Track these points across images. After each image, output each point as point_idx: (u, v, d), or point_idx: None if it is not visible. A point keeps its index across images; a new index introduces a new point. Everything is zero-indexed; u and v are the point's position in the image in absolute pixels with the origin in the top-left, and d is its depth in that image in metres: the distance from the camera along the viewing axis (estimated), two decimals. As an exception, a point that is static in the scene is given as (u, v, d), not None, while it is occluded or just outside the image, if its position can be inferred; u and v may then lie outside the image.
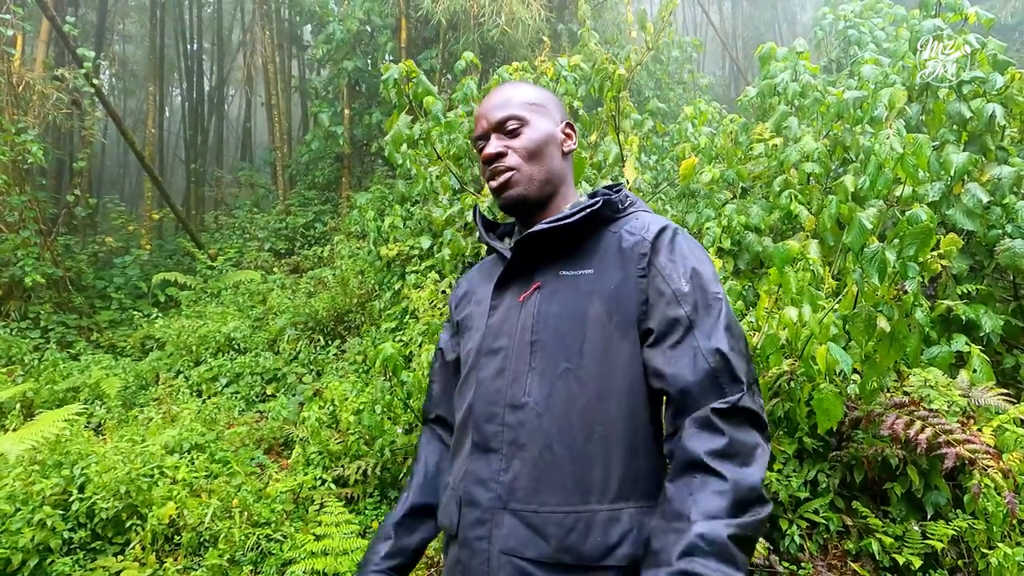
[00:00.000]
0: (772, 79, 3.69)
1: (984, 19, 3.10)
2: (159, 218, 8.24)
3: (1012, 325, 2.93)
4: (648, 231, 0.94)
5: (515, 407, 0.90)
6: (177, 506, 2.80)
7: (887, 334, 1.88)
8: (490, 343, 0.97)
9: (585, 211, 0.94)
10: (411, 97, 3.07)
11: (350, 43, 7.80)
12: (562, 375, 0.88)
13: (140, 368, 5.10)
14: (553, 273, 0.96)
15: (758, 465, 0.78)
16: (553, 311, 0.92)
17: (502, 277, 1.00)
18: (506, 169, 0.99)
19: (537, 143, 1.00)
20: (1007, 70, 2.84)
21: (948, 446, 1.87)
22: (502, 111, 1.00)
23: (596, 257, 0.95)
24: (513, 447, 0.89)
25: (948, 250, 2.55)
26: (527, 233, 0.95)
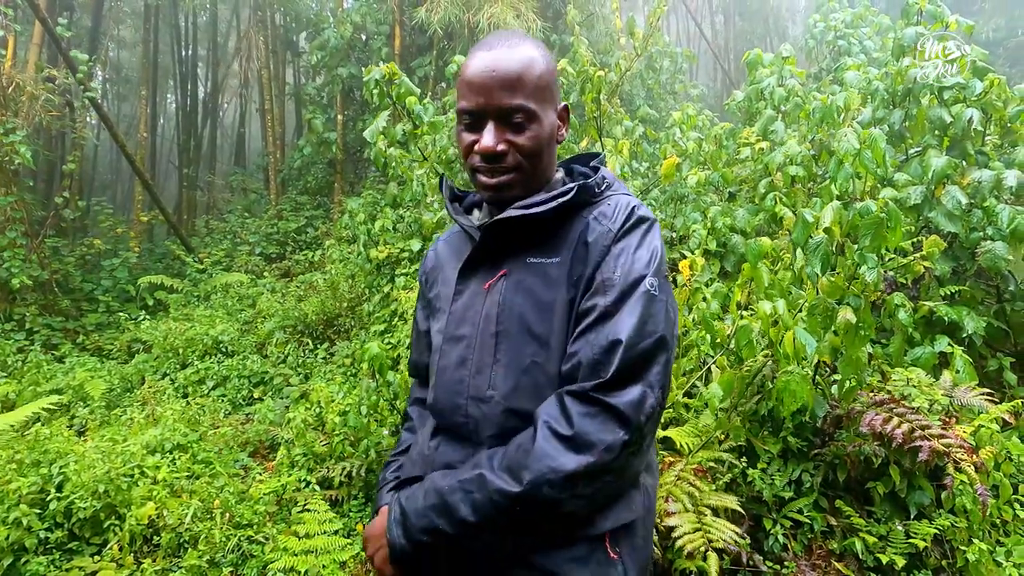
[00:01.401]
0: (759, 84, 3.73)
1: (964, 26, 3.16)
2: (148, 220, 8.19)
3: (995, 327, 2.95)
4: (615, 222, 0.89)
5: (479, 400, 0.89)
6: (157, 506, 2.76)
7: (852, 325, 1.88)
8: (453, 330, 0.95)
9: (559, 200, 0.89)
10: (394, 99, 3.09)
11: (344, 50, 7.84)
12: (528, 368, 0.87)
13: (125, 371, 5.05)
14: (521, 260, 0.92)
15: (583, 458, 0.77)
16: (519, 301, 0.89)
17: (468, 262, 0.96)
18: (506, 170, 0.90)
19: (540, 143, 0.91)
20: (986, 76, 2.89)
21: (923, 440, 1.88)
22: (511, 97, 0.87)
23: (565, 245, 0.90)
24: (480, 435, 0.89)
25: (930, 252, 2.57)
26: (496, 220, 0.91)
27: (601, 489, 0.79)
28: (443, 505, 0.82)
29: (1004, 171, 2.77)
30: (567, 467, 0.76)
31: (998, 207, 2.68)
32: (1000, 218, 2.66)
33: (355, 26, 7.71)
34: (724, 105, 4.73)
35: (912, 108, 3.11)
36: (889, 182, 3.02)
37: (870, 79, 3.25)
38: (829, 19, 6.42)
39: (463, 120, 0.92)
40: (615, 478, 0.80)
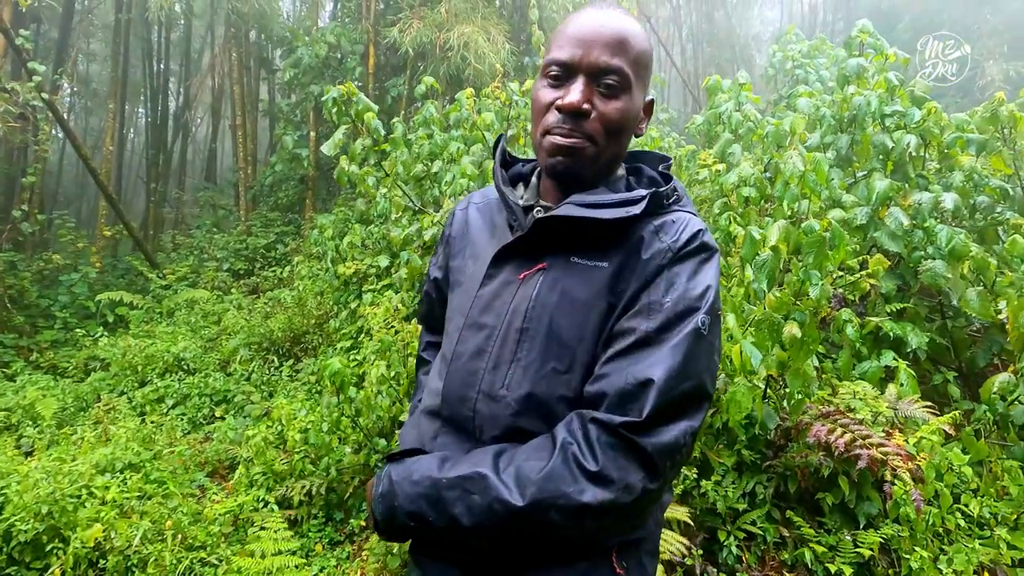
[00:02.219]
0: (717, 109, 3.88)
1: (902, 59, 3.35)
2: (112, 235, 8.01)
3: (938, 343, 3.08)
4: (679, 240, 0.81)
5: (490, 397, 0.83)
6: (104, 528, 2.67)
7: (798, 339, 1.96)
8: (476, 316, 0.88)
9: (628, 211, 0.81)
10: (353, 117, 3.13)
11: (318, 68, 7.88)
12: (547, 376, 0.81)
13: (80, 389, 4.88)
14: (564, 257, 0.84)
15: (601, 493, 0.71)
16: (553, 300, 0.82)
17: (509, 248, 0.88)
18: (584, 135, 0.82)
19: (626, 120, 0.83)
20: (924, 105, 3.06)
21: (863, 449, 1.95)
22: (611, 56, 0.80)
23: (616, 252, 0.82)
24: (483, 432, 0.84)
25: (875, 270, 2.68)
26: (553, 215, 0.83)
27: (607, 526, 0.74)
28: (437, 497, 0.77)
29: (942, 194, 2.92)
30: (581, 499, 0.71)
31: (937, 227, 2.82)
32: (939, 238, 2.79)
33: (329, 45, 7.76)
34: (684, 128, 4.89)
35: (857, 134, 3.27)
36: (838, 203, 3.15)
37: (819, 106, 3.41)
38: (787, 50, 6.71)
39: (549, 72, 0.84)
40: (625, 520, 0.75)
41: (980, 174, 3.24)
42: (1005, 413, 2.39)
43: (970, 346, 3.23)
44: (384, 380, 3.19)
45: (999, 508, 2.46)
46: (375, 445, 3.17)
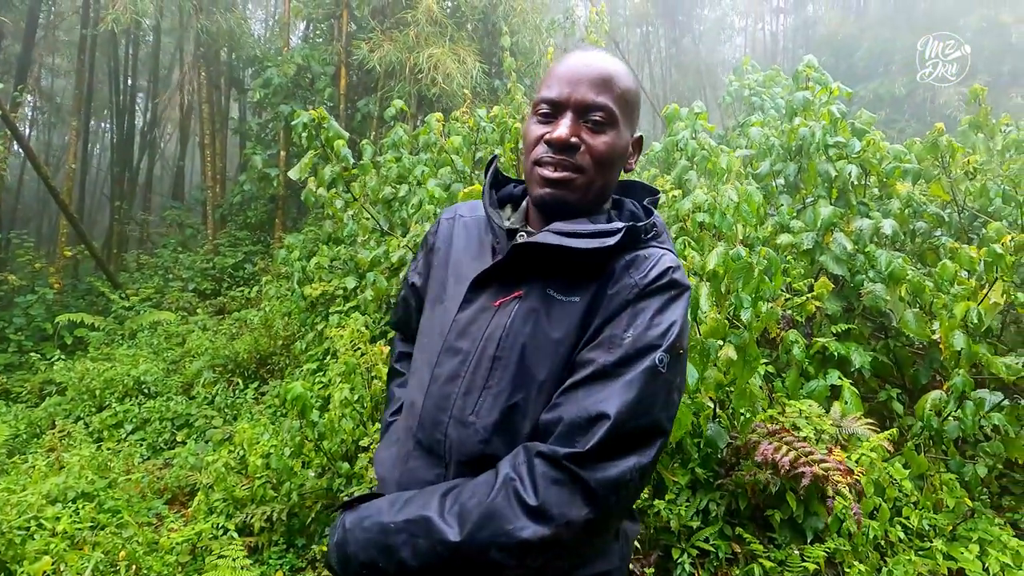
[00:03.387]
0: (675, 136, 4.03)
1: (845, 92, 3.55)
2: (72, 255, 7.81)
3: (882, 362, 3.23)
4: (645, 277, 0.83)
5: (460, 423, 0.85)
6: (54, 560, 2.59)
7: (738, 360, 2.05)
8: (453, 340, 0.89)
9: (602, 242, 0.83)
10: (323, 142, 3.17)
11: (288, 88, 7.90)
12: (515, 406, 0.82)
13: (34, 415, 4.73)
14: (539, 288, 0.86)
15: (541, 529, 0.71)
16: (526, 331, 0.84)
17: (485, 274, 0.90)
18: (572, 167, 0.85)
19: (613, 154, 0.87)
20: (864, 137, 3.25)
21: (806, 466, 2.04)
22: (597, 93, 0.85)
23: (589, 286, 0.84)
24: (451, 456, 0.86)
25: (820, 292, 2.82)
26: (530, 242, 0.85)
27: (551, 561, 0.74)
28: (385, 544, 0.77)
29: (881, 220, 3.09)
30: (521, 535, 0.71)
31: (877, 252, 2.98)
32: (879, 262, 2.95)
33: (299, 66, 7.80)
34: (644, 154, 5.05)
35: (804, 162, 3.44)
36: (787, 228, 3.30)
37: (768, 136, 3.59)
38: (744, 79, 7.00)
39: (540, 110, 0.88)
40: (571, 555, 0.76)
41: (918, 201, 3.43)
42: (939, 428, 2.52)
43: (913, 364, 3.39)
44: (348, 403, 3.19)
45: (937, 520, 2.58)
46: (338, 469, 3.16)
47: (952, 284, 2.66)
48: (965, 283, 2.66)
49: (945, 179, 3.64)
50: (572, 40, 9.76)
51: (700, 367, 2.10)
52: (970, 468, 2.60)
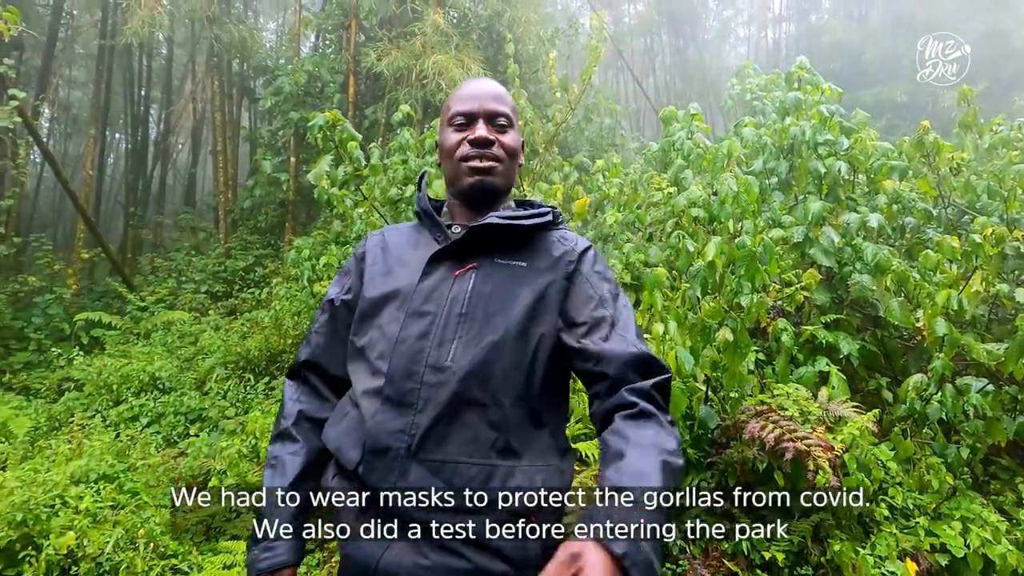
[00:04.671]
0: (672, 137, 4.17)
1: (836, 92, 3.68)
2: (89, 257, 8.03)
3: (871, 352, 3.33)
4: (577, 246, 1.10)
5: (437, 369, 0.98)
6: (77, 536, 2.73)
7: (731, 343, 2.17)
8: (418, 306, 1.03)
9: (543, 218, 1.10)
10: (337, 143, 3.33)
11: (299, 96, 8.12)
12: (485, 347, 0.98)
13: (54, 409, 4.90)
14: (489, 259, 1.06)
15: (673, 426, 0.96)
16: (487, 291, 1.03)
17: (442, 251, 1.08)
18: (493, 158, 1.09)
19: (517, 147, 1.13)
20: (852, 135, 3.37)
21: (790, 442, 2.15)
22: (498, 104, 1.11)
23: (531, 254, 1.08)
24: (427, 403, 0.96)
25: (808, 283, 2.93)
26: (484, 224, 1.05)
27: None
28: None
29: (868, 215, 3.21)
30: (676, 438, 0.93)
31: (863, 245, 3.09)
32: (865, 254, 3.07)
33: (309, 74, 8.02)
34: (642, 155, 5.19)
35: (796, 160, 3.57)
36: (778, 223, 3.42)
37: (761, 135, 3.72)
38: (745, 84, 7.12)
39: (455, 123, 1.11)
40: None
41: (907, 197, 3.54)
42: (922, 411, 2.62)
43: (903, 355, 3.49)
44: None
45: (922, 500, 2.68)
46: (346, 454, 3.29)
47: (935, 273, 2.77)
48: (947, 272, 2.77)
49: (932, 175, 3.75)
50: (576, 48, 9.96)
51: (699, 346, 2.22)
52: (953, 450, 2.70)
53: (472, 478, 0.94)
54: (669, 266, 3.33)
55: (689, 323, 2.49)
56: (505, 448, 0.96)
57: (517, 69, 5.61)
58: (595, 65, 5.38)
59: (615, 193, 4.10)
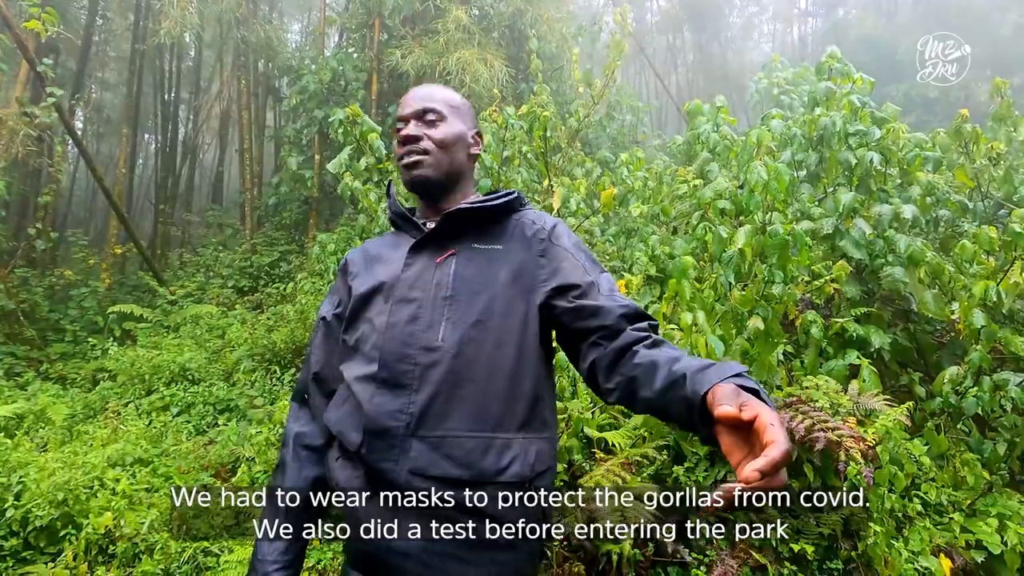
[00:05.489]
0: (697, 130, 4.14)
1: (868, 82, 3.61)
2: (121, 252, 8.26)
3: (903, 346, 3.26)
4: (546, 224, 1.16)
5: (429, 349, 1.02)
6: (115, 516, 2.82)
7: (762, 331, 2.15)
8: (404, 293, 1.08)
9: (505, 199, 1.15)
10: (358, 136, 3.38)
11: (323, 94, 8.23)
12: (474, 325, 1.04)
13: (89, 398, 5.05)
14: (467, 245, 1.12)
15: None
16: (468, 274, 1.08)
17: (420, 242, 1.13)
18: (420, 151, 1.15)
19: (450, 138, 1.17)
20: (884, 125, 3.30)
21: (821, 432, 2.12)
22: (425, 102, 1.18)
23: (504, 237, 1.13)
24: (423, 382, 1.01)
25: (838, 275, 2.89)
26: (457, 209, 1.12)
27: None
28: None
29: (902, 206, 3.14)
30: None
31: (896, 236, 3.03)
32: (898, 246, 3.00)
33: (333, 72, 8.13)
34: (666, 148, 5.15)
35: (825, 152, 3.51)
36: (807, 215, 3.38)
37: (790, 126, 3.66)
38: (772, 77, 7.02)
39: (397, 128, 1.19)
40: None
41: (941, 189, 3.46)
42: (958, 404, 2.56)
43: (936, 350, 3.41)
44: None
45: (957, 496, 2.62)
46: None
47: (972, 264, 2.70)
48: (985, 263, 2.70)
49: (969, 166, 3.66)
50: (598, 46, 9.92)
51: (731, 334, 2.21)
52: (989, 446, 2.63)
53: (471, 451, 0.98)
54: (695, 258, 3.31)
55: (719, 311, 2.47)
56: (500, 421, 1.01)
57: (540, 64, 5.61)
58: (618, 59, 5.34)
59: (639, 186, 4.08)
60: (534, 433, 1.04)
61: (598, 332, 1.04)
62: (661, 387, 0.90)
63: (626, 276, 3.07)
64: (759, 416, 0.71)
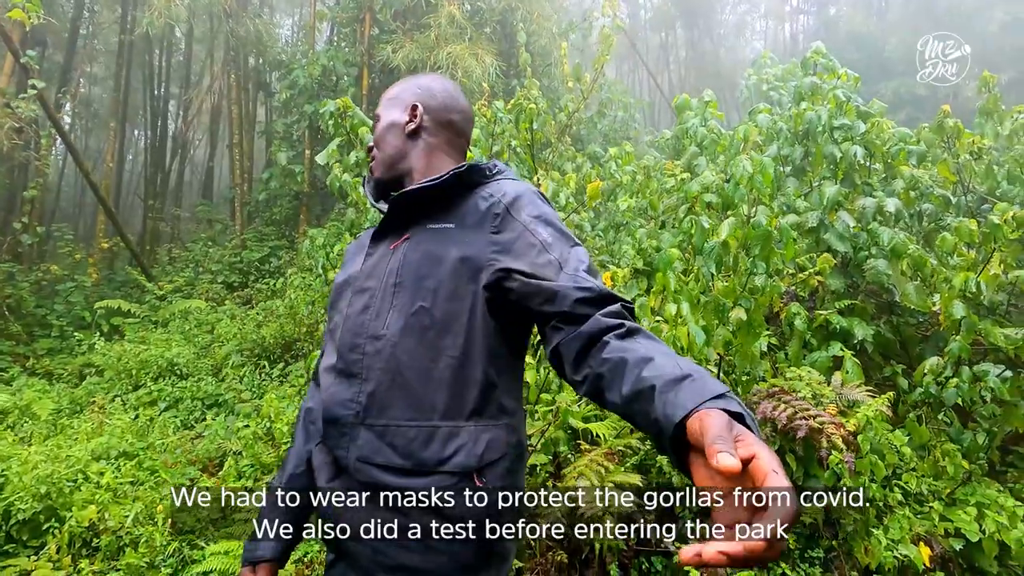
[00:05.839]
0: (685, 124, 4.15)
1: (853, 77, 3.64)
2: (109, 247, 8.19)
3: (886, 338, 3.30)
4: (505, 195, 1.06)
5: (374, 338, 1.02)
6: (99, 509, 2.81)
7: (744, 322, 2.16)
8: (361, 283, 1.09)
9: (451, 174, 1.07)
10: (348, 129, 3.36)
11: (313, 89, 8.19)
12: (416, 312, 1.00)
13: (76, 393, 5.01)
14: (422, 227, 1.08)
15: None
16: (416, 257, 1.04)
17: (378, 230, 1.14)
18: (371, 159, 1.21)
19: (379, 134, 1.19)
20: (868, 119, 3.33)
21: (802, 420, 2.14)
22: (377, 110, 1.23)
23: (459, 214, 1.06)
24: (370, 371, 1.01)
25: (822, 267, 2.91)
26: (401, 192, 1.11)
27: None
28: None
29: (885, 199, 3.17)
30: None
31: (879, 229, 3.06)
32: (881, 239, 3.03)
33: (324, 68, 8.09)
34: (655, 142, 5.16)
35: (811, 146, 3.53)
36: (792, 209, 3.40)
37: (776, 121, 3.68)
38: (762, 74, 7.04)
39: None
40: None
41: (924, 183, 3.50)
42: (938, 395, 2.59)
43: (919, 343, 3.45)
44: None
45: (937, 486, 2.65)
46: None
47: (952, 256, 2.73)
48: (965, 255, 2.73)
49: (952, 160, 3.69)
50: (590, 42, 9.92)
51: (713, 325, 2.22)
52: (969, 436, 2.66)
53: (412, 440, 0.97)
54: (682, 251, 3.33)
55: (703, 303, 2.49)
56: (448, 409, 0.98)
57: (529, 58, 5.60)
58: (607, 53, 5.34)
59: (628, 180, 4.09)
60: (488, 420, 1.01)
61: (556, 317, 0.96)
62: (628, 394, 0.80)
63: (611, 268, 3.08)
64: (757, 458, 0.58)
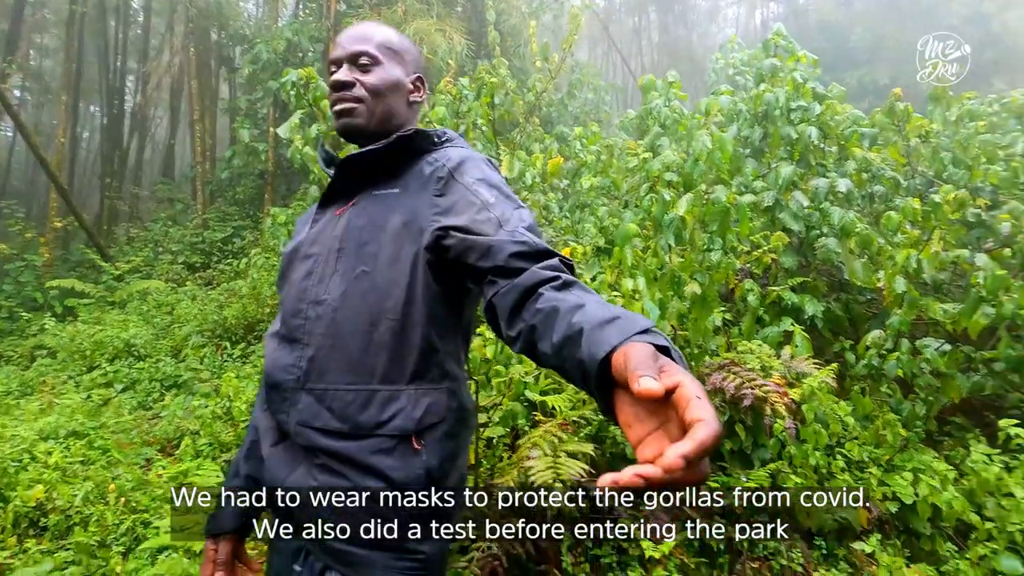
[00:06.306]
0: (649, 105, 4.18)
1: (811, 60, 3.70)
2: (62, 226, 7.88)
3: (837, 315, 3.41)
4: (450, 160, 1.05)
5: (316, 303, 1.02)
6: (46, 489, 2.74)
7: (699, 296, 2.21)
8: (306, 249, 1.08)
9: (396, 138, 1.05)
10: (311, 101, 3.29)
11: (277, 64, 7.96)
12: (357, 276, 1.00)
13: (26, 376, 4.85)
14: (368, 193, 1.07)
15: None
16: (360, 223, 1.04)
17: (326, 196, 1.12)
18: (351, 99, 1.08)
19: (385, 84, 1.10)
20: (824, 102, 3.40)
21: (749, 389, 2.21)
22: (359, 45, 1.09)
23: (404, 179, 1.06)
24: (311, 336, 1.01)
25: (776, 245, 2.98)
26: (347, 156, 1.07)
27: None
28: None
29: (838, 180, 3.26)
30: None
31: (831, 209, 3.14)
32: (832, 218, 3.12)
33: (288, 42, 7.87)
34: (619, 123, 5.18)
35: (769, 127, 3.60)
36: (749, 188, 3.46)
37: (736, 102, 3.74)
38: (729, 58, 7.12)
39: (330, 71, 1.11)
40: None
41: (876, 165, 3.60)
42: (879, 368, 2.70)
43: (868, 320, 3.58)
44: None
45: (877, 453, 2.77)
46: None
47: (897, 234, 2.83)
48: (908, 233, 2.83)
49: (902, 143, 3.80)
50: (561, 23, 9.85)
51: (668, 298, 2.26)
52: (908, 406, 2.79)
53: (349, 403, 0.97)
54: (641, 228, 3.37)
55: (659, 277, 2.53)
56: (387, 373, 0.98)
57: (498, 37, 5.55)
58: (576, 33, 5.32)
59: (592, 160, 4.11)
60: (429, 384, 1.00)
61: (491, 271, 0.93)
62: (558, 341, 0.75)
63: (572, 245, 3.11)
64: (681, 386, 0.55)
